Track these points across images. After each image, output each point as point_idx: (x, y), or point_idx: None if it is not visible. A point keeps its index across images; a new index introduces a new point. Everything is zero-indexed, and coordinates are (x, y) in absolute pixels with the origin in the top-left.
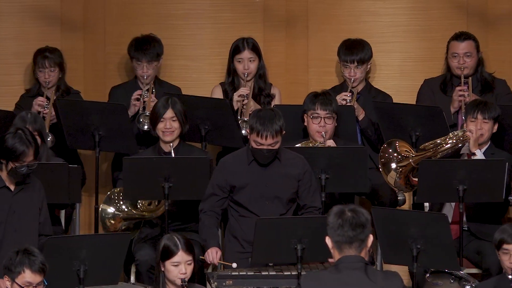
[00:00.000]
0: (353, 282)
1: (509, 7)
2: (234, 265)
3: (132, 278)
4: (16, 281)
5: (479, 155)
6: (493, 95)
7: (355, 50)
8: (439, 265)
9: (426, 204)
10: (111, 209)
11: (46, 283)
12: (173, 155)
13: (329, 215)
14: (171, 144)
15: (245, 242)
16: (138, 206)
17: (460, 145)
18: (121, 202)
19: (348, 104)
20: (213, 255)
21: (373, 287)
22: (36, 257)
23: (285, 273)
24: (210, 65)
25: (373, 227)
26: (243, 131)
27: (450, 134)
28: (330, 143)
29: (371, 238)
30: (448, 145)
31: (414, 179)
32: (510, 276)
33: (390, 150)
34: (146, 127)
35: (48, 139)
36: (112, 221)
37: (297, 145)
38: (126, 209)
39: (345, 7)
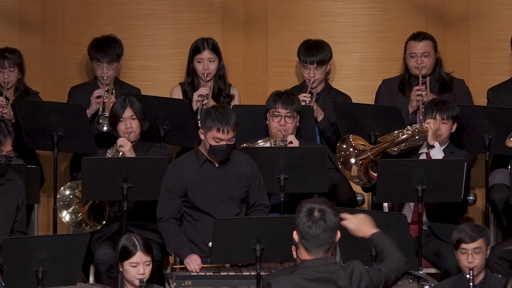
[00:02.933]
0: (324, 275)
1: (467, 8)
2: (210, 244)
3: (91, 279)
4: None
5: (437, 147)
6: (451, 95)
7: (314, 51)
8: None
9: (385, 204)
10: (66, 212)
11: (4, 284)
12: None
13: (299, 214)
14: (128, 132)
15: (204, 246)
16: (77, 194)
17: (417, 137)
18: (64, 198)
19: (308, 105)
20: (195, 264)
21: (343, 272)
22: None
23: (244, 274)
24: (169, 66)
25: None
26: None
27: (408, 126)
28: (292, 138)
29: (338, 234)
30: (405, 136)
31: (373, 174)
32: (468, 276)
33: (345, 146)
34: (105, 128)
35: None
36: (80, 215)
37: (259, 141)
38: (72, 197)
39: (304, 8)
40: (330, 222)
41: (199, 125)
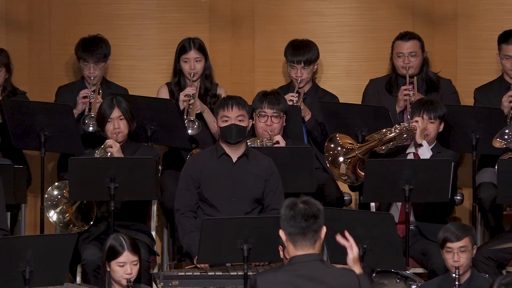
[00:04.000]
0: (311, 273)
1: (455, 8)
2: None
3: (78, 279)
4: None
5: (425, 146)
6: (438, 95)
7: (302, 50)
8: (385, 265)
9: (373, 204)
10: (53, 212)
11: None
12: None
13: (282, 207)
14: (116, 132)
15: None
16: (65, 194)
17: (405, 136)
18: (52, 198)
19: (295, 104)
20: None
21: (332, 272)
22: None
23: (231, 273)
24: (156, 65)
25: None
26: (189, 131)
27: (396, 125)
28: (278, 138)
29: (324, 229)
30: (393, 134)
31: (361, 172)
32: (453, 275)
33: (333, 145)
34: (91, 128)
35: None
36: (67, 215)
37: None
38: (59, 197)
39: (291, 8)
40: (314, 208)
41: (185, 124)
